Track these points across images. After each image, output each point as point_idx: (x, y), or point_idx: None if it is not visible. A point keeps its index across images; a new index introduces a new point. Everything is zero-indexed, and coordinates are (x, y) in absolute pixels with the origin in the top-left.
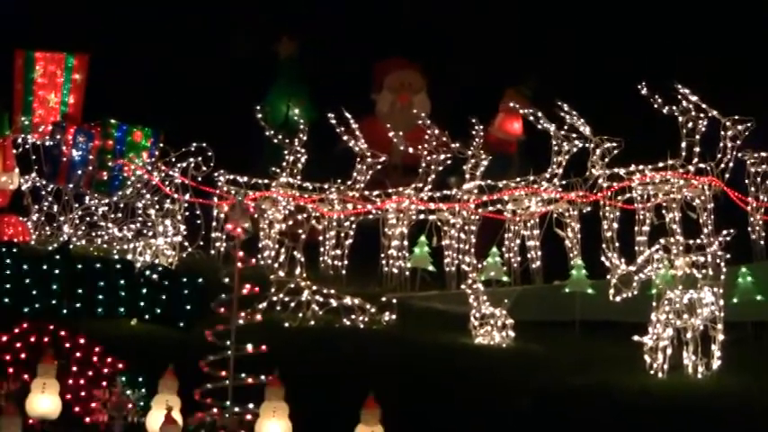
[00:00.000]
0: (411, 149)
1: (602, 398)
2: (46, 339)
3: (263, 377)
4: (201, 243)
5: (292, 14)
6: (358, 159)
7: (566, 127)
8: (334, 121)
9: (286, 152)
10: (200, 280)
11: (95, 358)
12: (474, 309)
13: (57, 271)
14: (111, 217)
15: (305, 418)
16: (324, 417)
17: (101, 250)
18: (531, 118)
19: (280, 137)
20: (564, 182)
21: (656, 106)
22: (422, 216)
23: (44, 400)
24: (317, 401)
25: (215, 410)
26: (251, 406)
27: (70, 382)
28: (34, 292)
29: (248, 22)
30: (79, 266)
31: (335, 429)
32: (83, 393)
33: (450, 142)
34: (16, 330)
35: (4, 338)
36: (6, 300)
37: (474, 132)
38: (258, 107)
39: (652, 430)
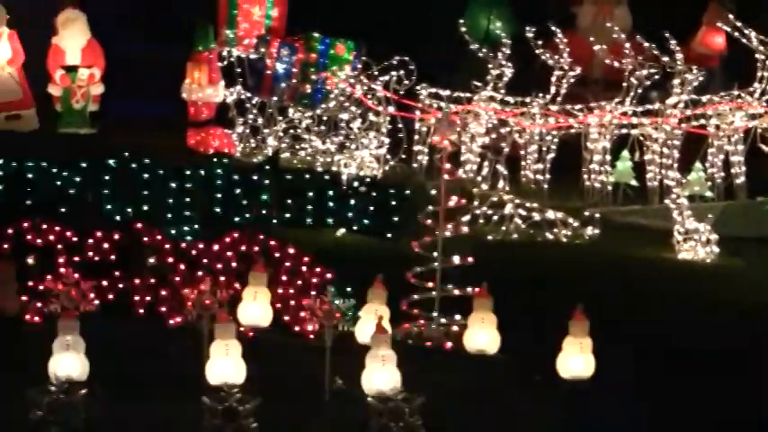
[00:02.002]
0: (616, 63)
1: None
2: (256, 248)
3: (470, 289)
4: (404, 156)
5: None
6: (555, 73)
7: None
8: (531, 35)
9: (490, 66)
10: (407, 191)
11: (304, 268)
12: (678, 224)
13: (266, 182)
14: (314, 130)
15: (511, 330)
16: (529, 329)
17: (304, 162)
18: (736, 33)
19: (484, 50)
20: None
21: None
22: (624, 130)
23: (256, 309)
24: (523, 314)
25: (421, 321)
26: (458, 317)
27: (280, 291)
28: (245, 203)
29: None
30: (288, 177)
31: (540, 341)
32: (292, 302)
33: (660, 56)
34: (227, 239)
35: (216, 247)
36: (217, 209)
37: (671, 47)
38: (461, 21)
39: None
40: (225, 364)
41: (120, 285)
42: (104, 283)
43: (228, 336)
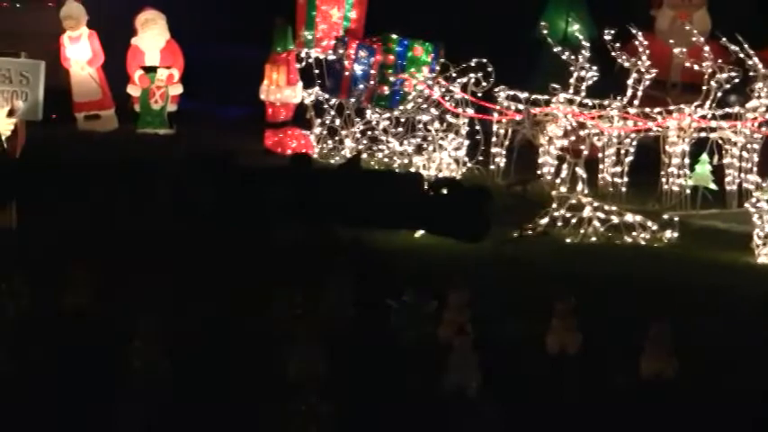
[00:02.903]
0: (696, 66)
1: None
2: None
3: None
4: (481, 158)
5: None
6: (633, 76)
7: None
8: (609, 37)
9: (572, 69)
10: (486, 193)
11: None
12: (757, 227)
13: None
14: (391, 131)
15: (590, 331)
16: (609, 331)
17: (382, 164)
18: None
19: (567, 53)
20: None
21: None
22: (703, 134)
23: None
24: (603, 316)
25: None
26: None
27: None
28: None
29: None
30: (369, 178)
31: (621, 343)
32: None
33: (745, 59)
34: None
35: None
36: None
37: (748, 51)
38: (542, 23)
39: None
40: None
41: None
42: None
43: None
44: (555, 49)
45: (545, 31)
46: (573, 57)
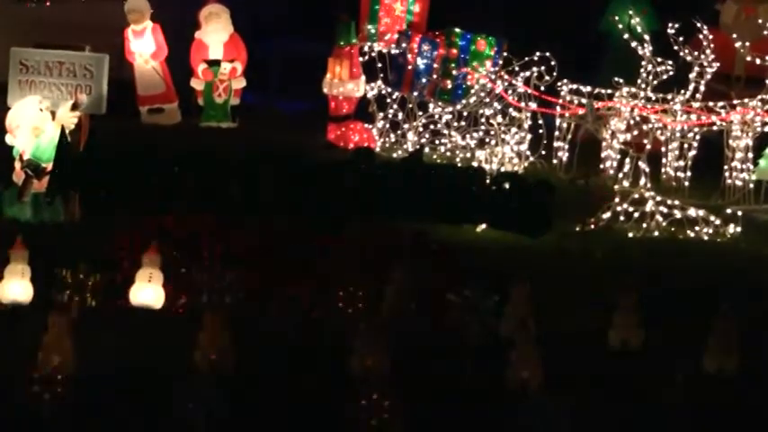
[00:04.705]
0: (758, 60)
1: None
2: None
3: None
4: (543, 152)
5: None
6: (695, 69)
7: None
8: (672, 31)
9: (643, 62)
10: (549, 187)
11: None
12: None
13: (410, 176)
14: (454, 125)
15: (650, 324)
16: (672, 325)
17: (444, 158)
18: None
19: (638, 48)
20: None
21: None
22: (767, 128)
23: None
24: (666, 312)
25: None
26: None
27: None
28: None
29: None
30: (432, 172)
31: (683, 337)
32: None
33: None
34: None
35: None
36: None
37: None
38: (612, 17)
39: None
40: None
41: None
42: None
43: None
44: (632, 44)
45: (620, 26)
46: (642, 50)
